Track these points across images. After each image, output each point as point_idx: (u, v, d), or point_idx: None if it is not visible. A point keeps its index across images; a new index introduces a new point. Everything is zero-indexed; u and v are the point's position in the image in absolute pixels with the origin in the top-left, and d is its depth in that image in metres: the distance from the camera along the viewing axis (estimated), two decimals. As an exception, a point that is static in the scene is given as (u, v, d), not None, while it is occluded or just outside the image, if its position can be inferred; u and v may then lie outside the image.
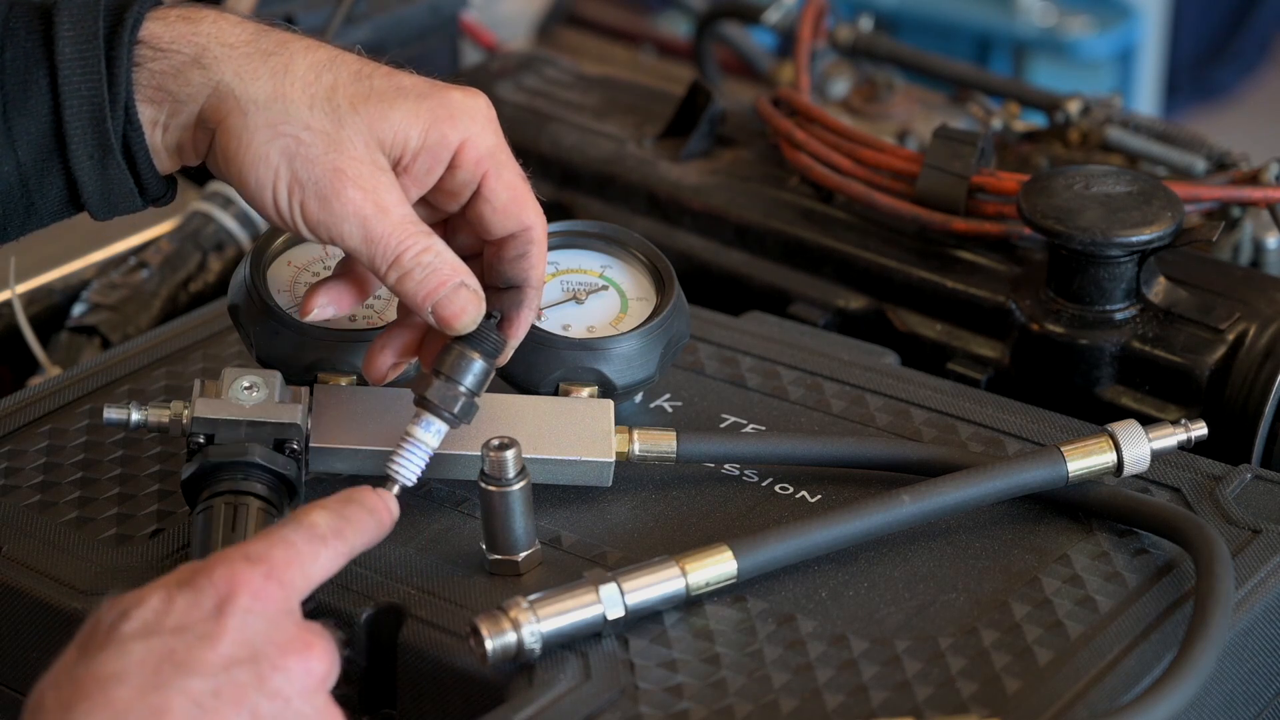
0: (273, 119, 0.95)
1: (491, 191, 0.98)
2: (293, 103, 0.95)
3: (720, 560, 0.96)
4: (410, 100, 0.97)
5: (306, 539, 0.87)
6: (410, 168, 0.97)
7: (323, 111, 0.95)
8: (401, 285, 0.96)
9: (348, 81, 0.96)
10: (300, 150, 0.95)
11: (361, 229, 0.95)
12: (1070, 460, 1.02)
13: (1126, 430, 1.03)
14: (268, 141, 0.95)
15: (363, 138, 0.95)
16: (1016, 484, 1.02)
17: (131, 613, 0.82)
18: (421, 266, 0.96)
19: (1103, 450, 1.02)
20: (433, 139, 0.97)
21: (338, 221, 0.95)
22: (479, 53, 1.78)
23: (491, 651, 0.90)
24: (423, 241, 0.96)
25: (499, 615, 0.91)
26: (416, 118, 0.96)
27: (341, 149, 0.95)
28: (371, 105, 0.96)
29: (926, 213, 1.27)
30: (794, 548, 0.98)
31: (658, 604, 0.95)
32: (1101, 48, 3.02)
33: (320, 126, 0.95)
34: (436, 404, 0.98)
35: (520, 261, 1.00)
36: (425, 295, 0.97)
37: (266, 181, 0.95)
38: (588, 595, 0.93)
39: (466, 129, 0.97)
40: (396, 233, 0.96)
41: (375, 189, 0.95)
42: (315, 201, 0.95)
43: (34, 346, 1.37)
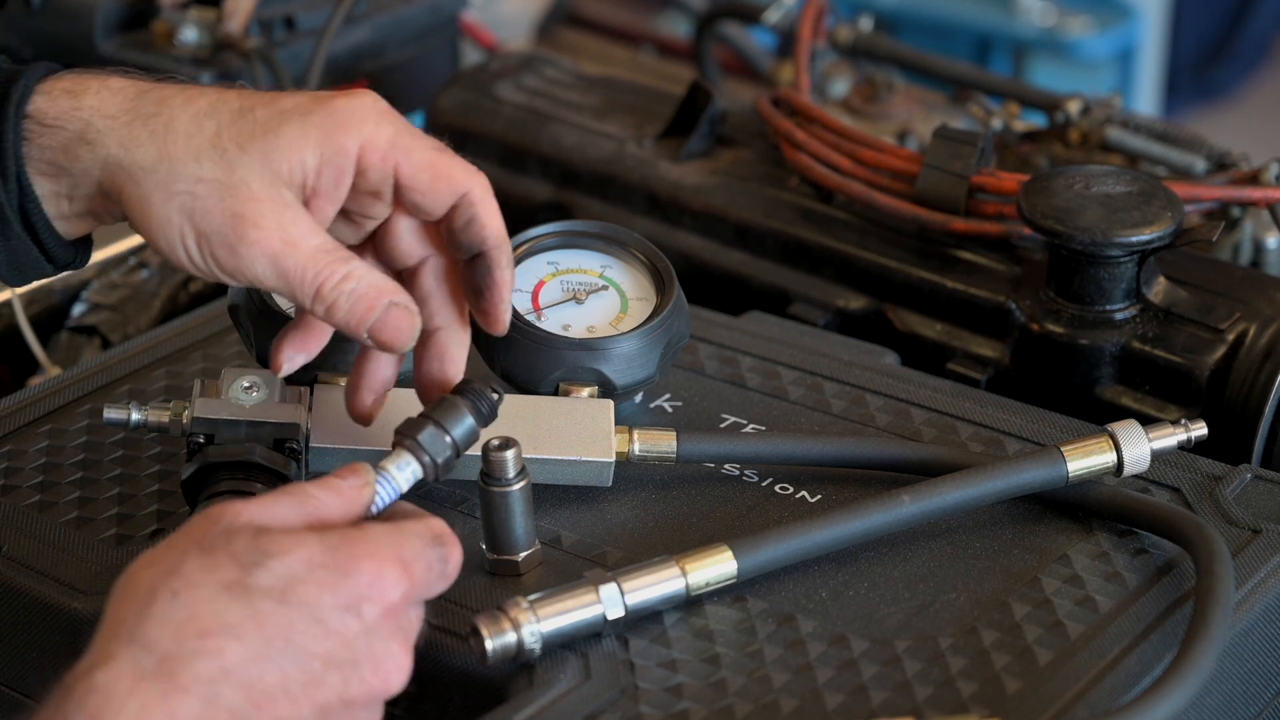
0: (163, 181, 0.93)
1: (410, 178, 0.96)
2: (178, 160, 0.94)
3: (720, 560, 0.96)
4: (295, 122, 0.95)
5: (440, 566, 0.89)
6: (318, 188, 0.95)
7: (210, 160, 0.94)
8: (330, 317, 0.95)
9: (230, 122, 0.95)
10: (196, 204, 0.93)
11: (273, 267, 0.93)
12: (1070, 460, 1.02)
13: (1126, 430, 1.03)
14: (164, 203, 0.93)
15: (256, 175, 0.94)
16: (1016, 484, 1.02)
17: (270, 563, 0.83)
18: (345, 295, 0.94)
19: (1103, 450, 1.02)
20: (329, 152, 0.95)
21: (249, 265, 0.93)
22: (479, 53, 1.78)
23: (491, 651, 0.90)
24: (340, 269, 0.94)
25: (499, 615, 0.91)
26: (306, 137, 0.94)
27: (236, 193, 0.93)
28: (259, 140, 0.94)
29: (926, 213, 1.27)
30: (794, 548, 0.98)
31: (658, 604, 0.95)
32: (1101, 48, 3.02)
33: (211, 176, 0.93)
34: (420, 447, 0.95)
35: (470, 228, 0.98)
36: (357, 323, 0.95)
37: (175, 241, 0.94)
38: (588, 595, 0.93)
39: (359, 131, 0.95)
40: (311, 265, 0.94)
41: (280, 225, 0.93)
42: (223, 250, 0.93)
43: (34, 346, 1.37)
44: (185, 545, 0.84)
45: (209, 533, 0.84)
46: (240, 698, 0.81)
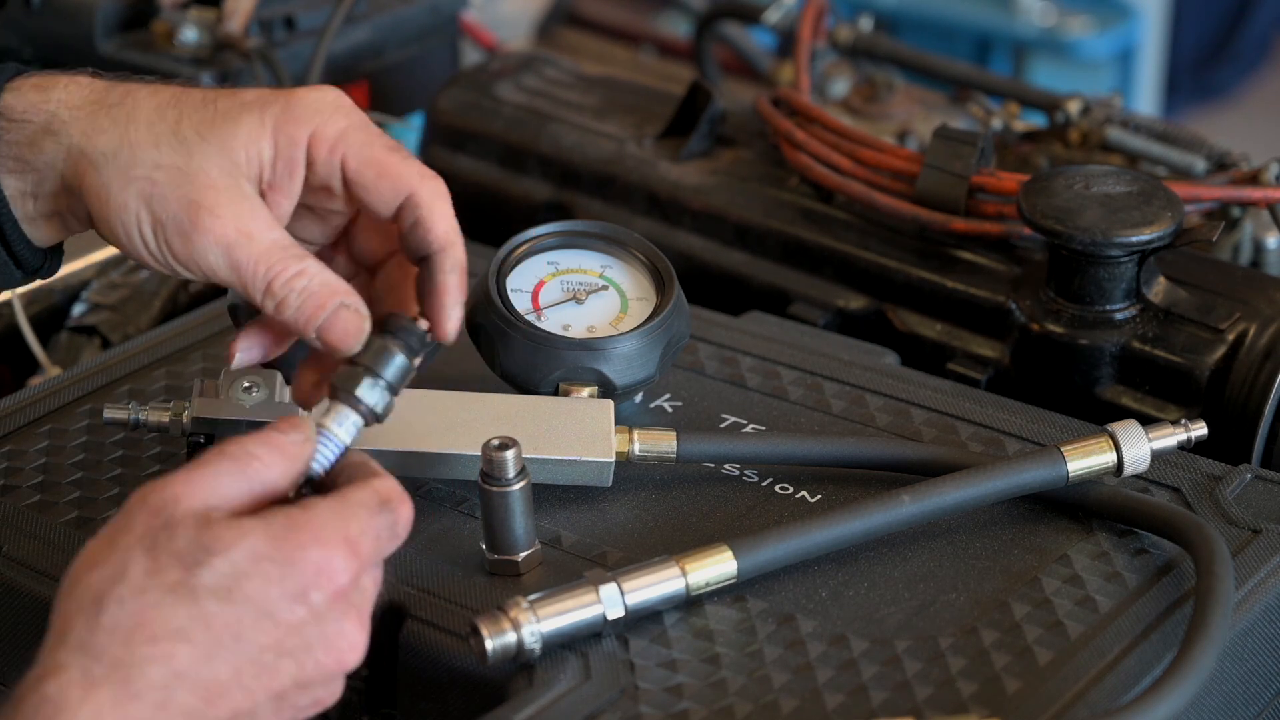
0: (122, 166, 0.93)
1: (355, 173, 0.96)
2: (139, 146, 0.93)
3: (720, 560, 0.96)
4: (254, 113, 0.95)
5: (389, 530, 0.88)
6: (273, 180, 0.95)
7: (170, 147, 0.93)
8: (280, 313, 0.94)
9: (192, 111, 0.94)
10: (155, 190, 0.93)
11: (226, 258, 0.93)
12: (1070, 460, 1.02)
13: (1126, 430, 1.03)
14: (123, 189, 0.93)
15: (215, 163, 0.93)
16: (1016, 484, 1.02)
17: (214, 561, 0.82)
18: (296, 292, 0.93)
19: (1103, 450, 1.02)
20: (282, 143, 0.94)
21: (202, 254, 0.93)
22: (479, 53, 1.78)
23: (491, 651, 0.90)
24: (293, 265, 0.93)
25: (499, 615, 0.91)
26: (263, 127, 0.94)
27: (195, 180, 0.93)
28: (218, 128, 0.94)
29: (926, 213, 1.27)
30: (794, 548, 0.98)
31: (658, 604, 0.95)
32: (1101, 48, 3.02)
33: (170, 162, 0.93)
34: (356, 399, 0.93)
35: (415, 230, 0.96)
36: (305, 321, 0.94)
37: (132, 228, 0.93)
38: (588, 595, 0.93)
39: (311, 122, 0.95)
40: (264, 259, 0.93)
41: (237, 215, 0.93)
42: (178, 238, 0.93)
43: (34, 346, 1.37)
44: (129, 543, 0.83)
45: (152, 528, 0.83)
46: (194, 698, 0.81)
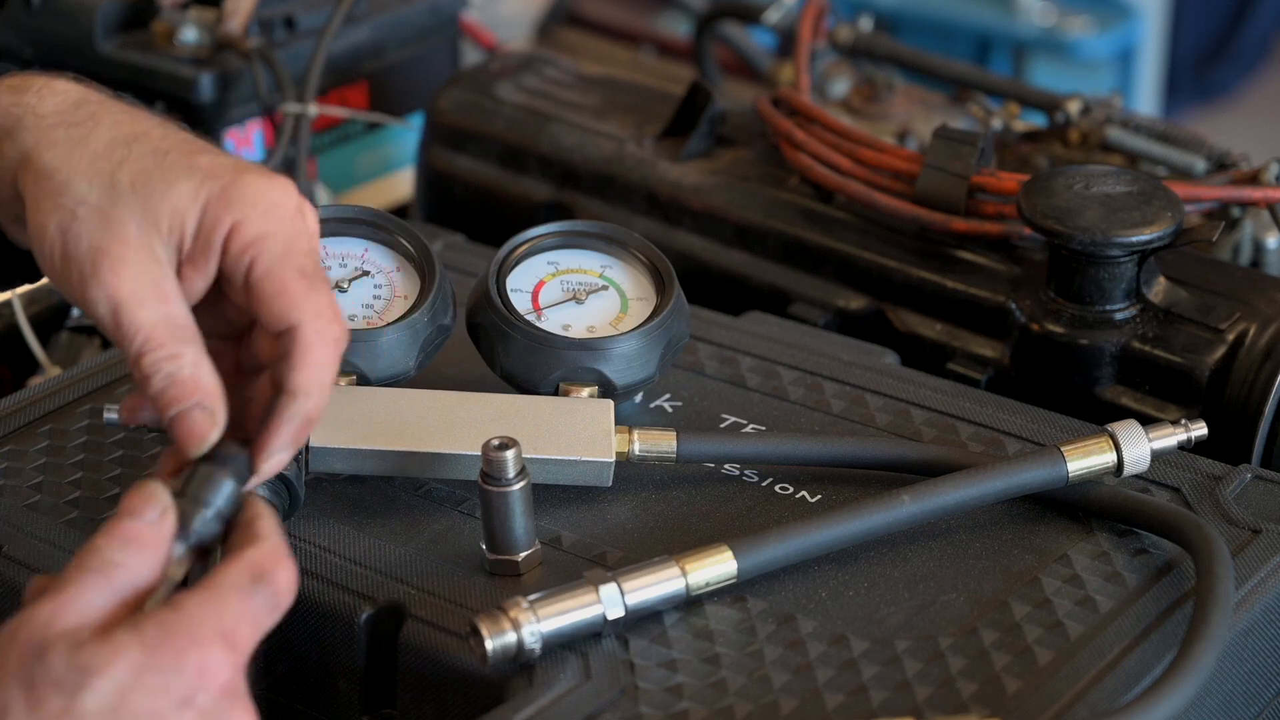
0: (55, 189, 0.91)
1: (257, 282, 0.91)
2: (74, 175, 0.91)
3: (720, 560, 0.96)
4: (194, 180, 0.91)
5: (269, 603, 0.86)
6: (192, 256, 0.91)
7: (100, 188, 0.90)
8: (142, 386, 0.91)
9: (140, 157, 0.91)
10: (73, 226, 0.90)
11: (112, 317, 0.89)
12: (1070, 460, 1.02)
13: (1126, 430, 1.03)
14: (48, 213, 0.91)
15: (136, 219, 0.90)
16: (1016, 484, 1.02)
17: (95, 682, 0.80)
18: (161, 375, 0.89)
19: (1103, 450, 1.02)
20: (206, 222, 0.91)
21: (93, 304, 0.90)
22: (479, 53, 1.78)
23: (491, 652, 0.90)
24: (171, 348, 0.89)
25: (499, 615, 0.91)
26: (194, 199, 0.91)
27: (110, 229, 0.90)
28: (153, 184, 0.91)
29: (926, 213, 1.27)
30: (794, 548, 0.98)
31: (658, 604, 0.95)
32: (1101, 48, 3.02)
33: (95, 202, 0.90)
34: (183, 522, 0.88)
35: (283, 362, 0.92)
36: (162, 406, 0.90)
37: (45, 253, 0.91)
38: (588, 595, 0.93)
39: (240, 213, 0.91)
40: (144, 330, 0.89)
41: (137, 277, 0.89)
42: (77, 278, 0.90)
43: (34, 346, 1.37)
44: (5, 682, 0.80)
45: (24, 661, 0.80)
46: None
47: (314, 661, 0.98)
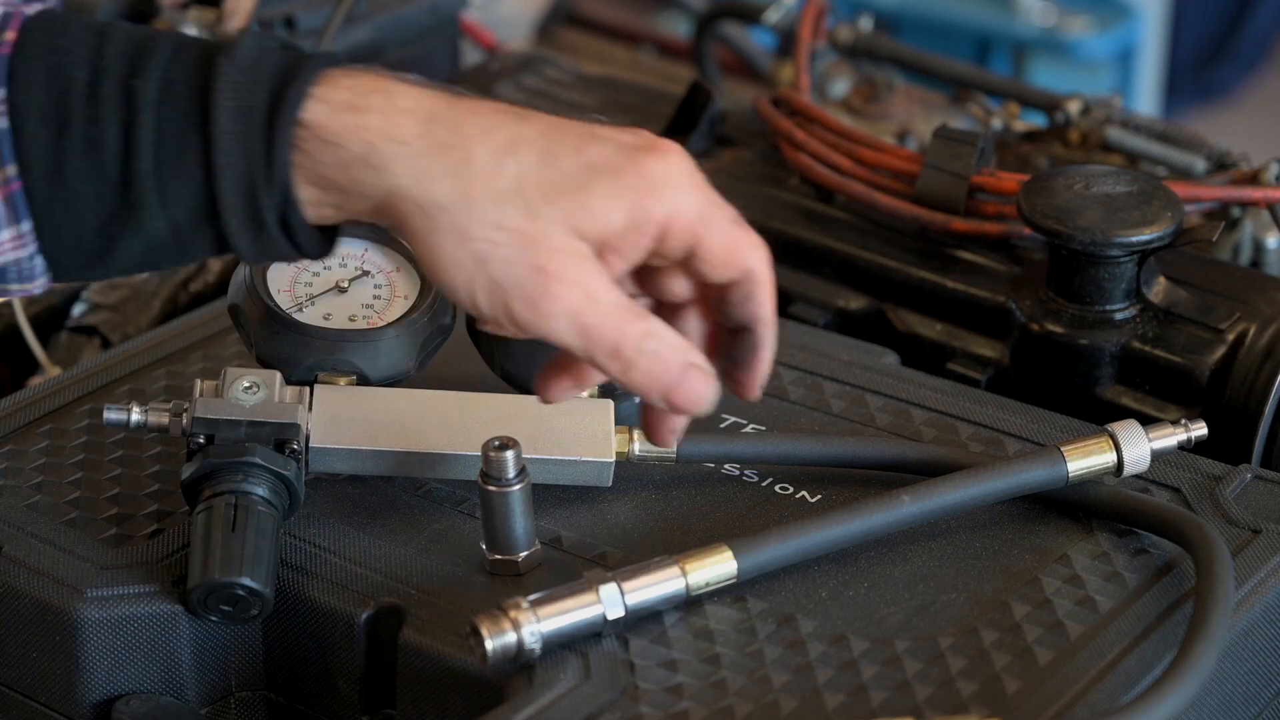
0: (459, 223, 0.89)
1: (707, 250, 0.92)
2: (478, 203, 0.89)
3: (720, 560, 0.96)
4: (606, 179, 0.90)
5: None
6: (616, 245, 0.91)
7: (514, 208, 0.89)
8: (627, 377, 0.91)
9: (534, 169, 0.90)
10: (495, 253, 0.88)
11: (574, 324, 0.89)
12: (1070, 460, 1.02)
13: (1126, 430, 1.03)
14: (458, 246, 0.89)
15: (560, 229, 0.89)
16: (1016, 484, 1.02)
17: None
18: (645, 355, 0.90)
19: (1103, 450, 1.02)
20: (637, 217, 0.90)
21: (548, 320, 0.89)
22: (479, 53, 1.78)
23: (492, 652, 0.90)
24: (640, 326, 0.90)
25: (499, 615, 0.91)
26: (617, 198, 0.90)
27: (538, 245, 0.89)
28: (567, 195, 0.89)
29: (926, 213, 1.27)
30: (794, 548, 0.98)
31: (658, 604, 0.95)
32: (1101, 48, 3.02)
33: (513, 225, 0.89)
34: None
35: (746, 304, 0.94)
36: (654, 384, 0.91)
37: (462, 286, 0.90)
38: (588, 595, 0.93)
39: (671, 200, 0.91)
40: (611, 321, 0.90)
41: (581, 279, 0.89)
42: (521, 303, 0.89)
43: (34, 346, 1.37)
44: None
45: None
46: None
47: (314, 661, 0.98)
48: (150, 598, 0.97)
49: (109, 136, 0.89)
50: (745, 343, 0.96)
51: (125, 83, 0.89)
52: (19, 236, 0.91)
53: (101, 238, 0.91)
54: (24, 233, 0.91)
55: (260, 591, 0.95)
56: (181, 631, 0.97)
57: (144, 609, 0.97)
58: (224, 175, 0.89)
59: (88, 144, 0.89)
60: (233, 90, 0.89)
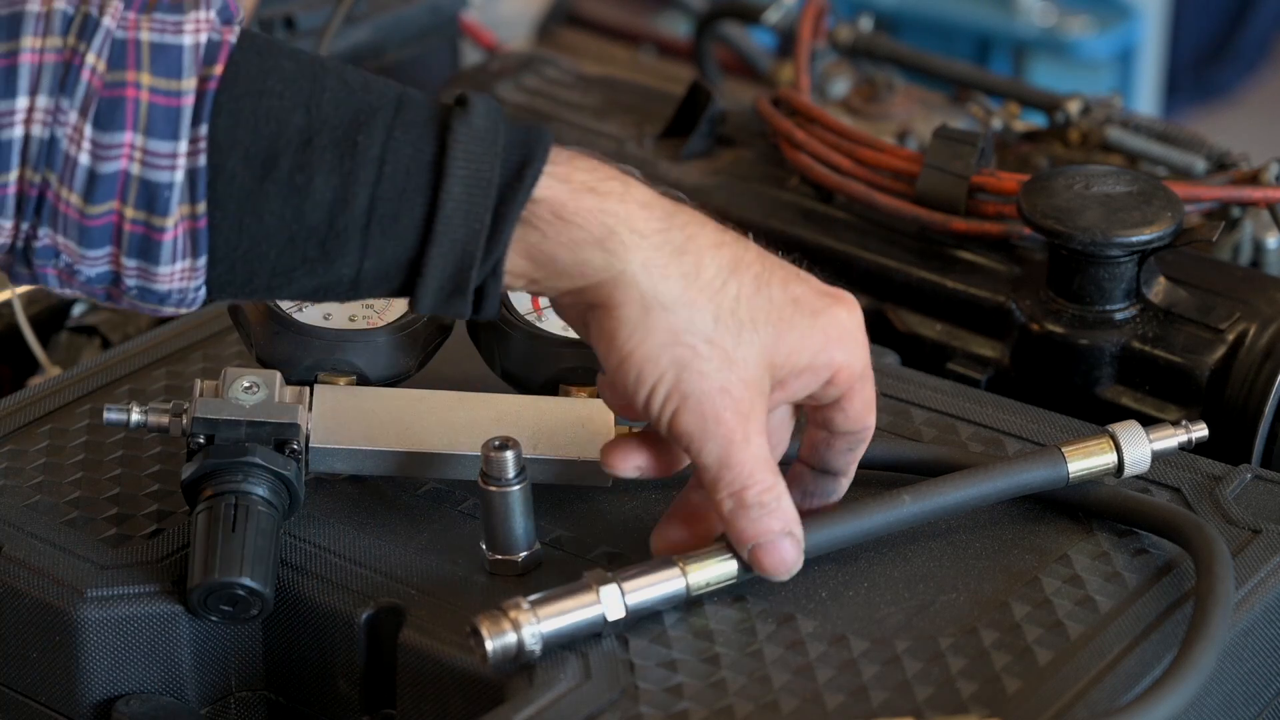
0: (675, 325, 0.91)
1: (850, 404, 0.96)
2: (699, 311, 0.91)
3: (720, 560, 0.96)
4: (805, 319, 0.93)
5: None
6: (788, 384, 0.94)
7: (726, 327, 0.91)
8: (733, 516, 0.94)
9: (750, 293, 0.93)
10: (695, 363, 0.91)
11: (723, 453, 0.92)
12: (1071, 461, 1.02)
13: (1127, 431, 1.03)
14: (664, 345, 0.91)
15: (756, 357, 0.92)
16: (1017, 484, 1.02)
17: None
18: (760, 506, 0.93)
19: (1104, 451, 1.02)
20: (819, 361, 0.94)
21: (704, 439, 0.92)
22: (479, 53, 1.78)
23: (492, 652, 0.90)
24: (768, 480, 0.94)
25: (499, 616, 0.91)
26: (810, 339, 0.93)
27: (734, 368, 0.92)
28: (770, 325, 0.92)
29: (926, 213, 1.27)
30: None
31: (658, 604, 0.95)
32: (1101, 48, 3.02)
33: (721, 342, 0.91)
34: None
35: (848, 455, 0.99)
36: (752, 535, 0.94)
37: (648, 381, 0.92)
38: (588, 596, 0.93)
39: (849, 352, 0.95)
40: (750, 465, 0.93)
41: (748, 416, 0.92)
42: (692, 415, 0.92)
43: (34, 346, 1.37)
44: None
45: None
46: None
47: (314, 661, 0.98)
48: (150, 598, 0.97)
49: (319, 184, 0.89)
50: (825, 487, 1.00)
51: (344, 134, 0.89)
52: (193, 269, 0.91)
53: (277, 275, 0.91)
54: (199, 266, 0.90)
55: (260, 591, 0.95)
56: (181, 631, 0.97)
57: (144, 609, 0.97)
58: (441, 241, 0.90)
59: (292, 189, 0.89)
60: (466, 159, 0.89)
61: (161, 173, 0.88)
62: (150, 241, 0.89)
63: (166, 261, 0.90)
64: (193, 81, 0.88)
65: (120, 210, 0.89)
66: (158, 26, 0.88)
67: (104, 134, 0.87)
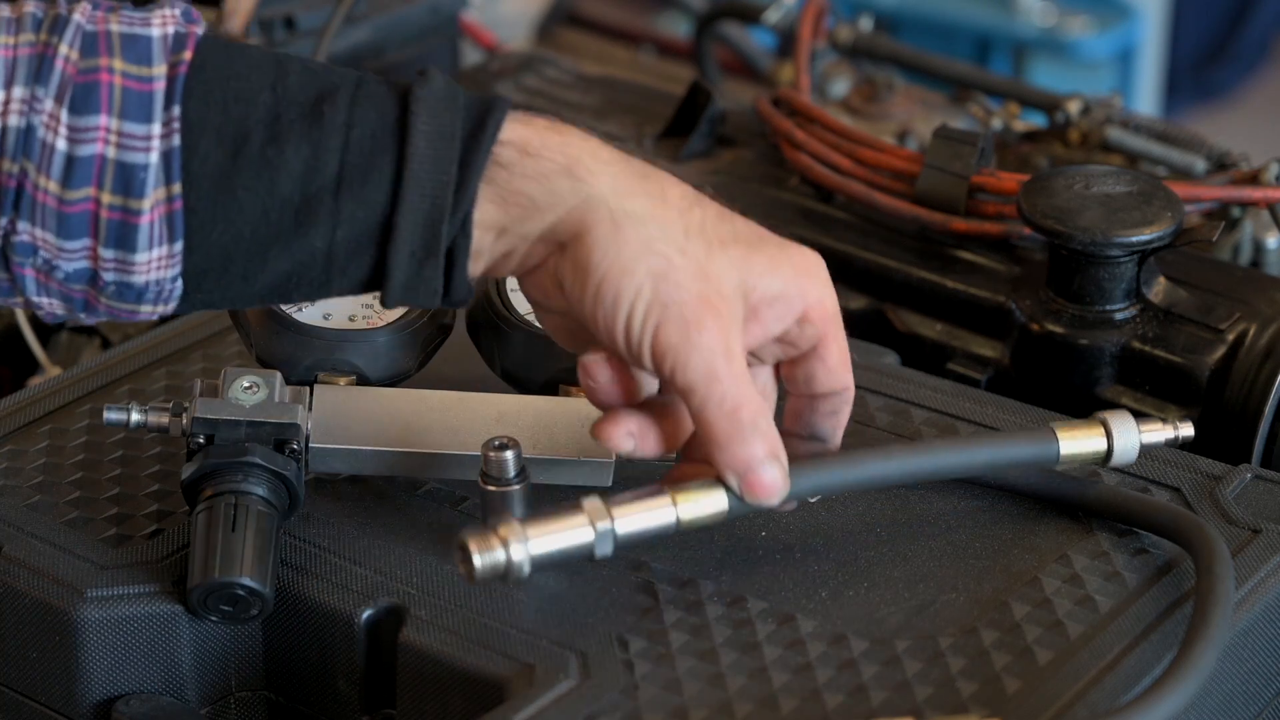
0: (647, 236, 0.91)
1: (827, 351, 0.96)
2: (670, 225, 0.92)
3: (711, 492, 0.95)
4: (773, 247, 0.95)
5: None
6: (762, 314, 0.94)
7: (697, 243, 0.92)
8: (726, 440, 0.93)
9: (715, 220, 0.94)
10: (670, 273, 0.91)
11: (708, 366, 0.91)
12: (1063, 441, 1.01)
13: (1118, 419, 1.02)
14: (637, 257, 0.91)
15: (728, 274, 0.93)
16: (1008, 456, 1.01)
17: None
18: (753, 428, 0.92)
19: (1095, 435, 1.02)
20: (790, 291, 0.94)
21: (689, 351, 0.91)
22: (479, 53, 1.78)
23: (480, 569, 0.90)
24: (757, 400, 0.93)
25: (488, 533, 0.90)
26: (781, 266, 0.94)
27: (710, 281, 0.92)
28: (739, 247, 0.93)
29: (926, 213, 1.27)
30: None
31: (648, 534, 0.94)
32: (1101, 48, 3.02)
33: (694, 254, 0.92)
34: None
35: (832, 418, 0.99)
36: (744, 459, 0.93)
37: (626, 297, 0.92)
38: (579, 520, 0.92)
39: (821, 289, 0.96)
40: (740, 382, 0.92)
41: (729, 330, 0.92)
42: (673, 326, 0.91)
43: (34, 346, 1.37)
44: None
45: None
46: None
47: (314, 661, 0.98)
48: (150, 598, 0.97)
49: (289, 156, 0.90)
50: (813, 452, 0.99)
51: (310, 108, 0.91)
52: (170, 255, 0.91)
53: (253, 258, 0.92)
54: (175, 252, 0.91)
55: (260, 591, 0.95)
56: (181, 631, 0.97)
57: (144, 609, 0.97)
58: (410, 196, 0.91)
59: (264, 162, 0.90)
60: (429, 116, 0.91)
61: (137, 154, 0.90)
62: (127, 227, 0.90)
63: (144, 248, 0.91)
64: (163, 68, 0.90)
65: (97, 197, 0.90)
66: (126, 20, 0.91)
67: (79, 118, 0.89)
